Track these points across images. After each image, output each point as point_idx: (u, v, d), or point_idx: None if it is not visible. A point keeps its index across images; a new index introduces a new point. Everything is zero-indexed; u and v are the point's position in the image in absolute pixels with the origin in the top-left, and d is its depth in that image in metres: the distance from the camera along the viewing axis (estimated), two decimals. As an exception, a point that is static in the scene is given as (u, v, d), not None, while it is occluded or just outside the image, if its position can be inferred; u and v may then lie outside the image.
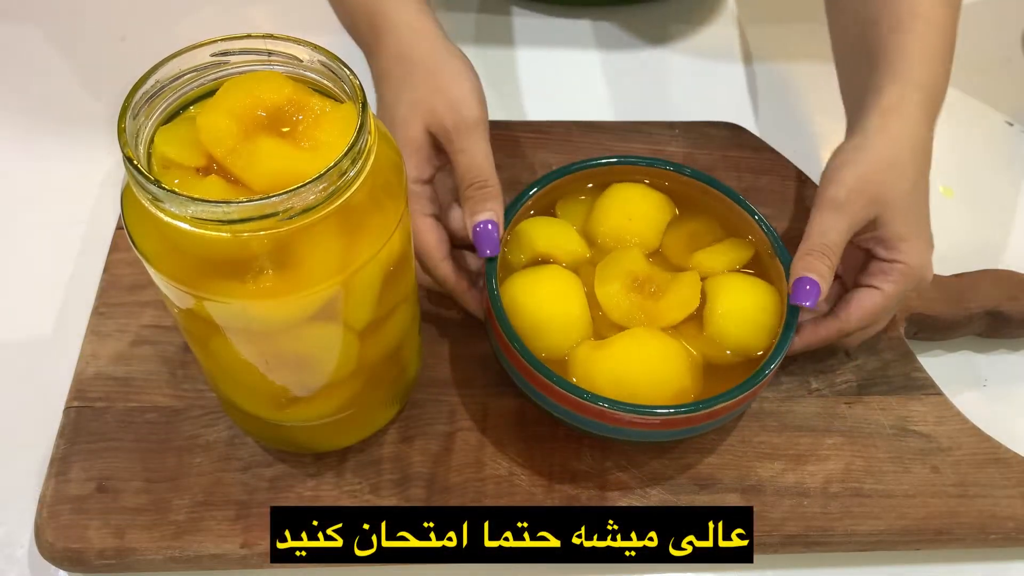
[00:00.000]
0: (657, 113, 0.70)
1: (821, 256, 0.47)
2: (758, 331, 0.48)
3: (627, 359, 0.46)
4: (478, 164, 0.48)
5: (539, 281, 0.49)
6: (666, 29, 0.78)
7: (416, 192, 0.49)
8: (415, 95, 0.49)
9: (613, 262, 0.50)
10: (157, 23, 0.76)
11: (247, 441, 0.49)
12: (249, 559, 0.46)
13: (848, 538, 0.47)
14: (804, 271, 0.47)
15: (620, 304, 0.49)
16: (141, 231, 0.36)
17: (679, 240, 0.53)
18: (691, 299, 0.49)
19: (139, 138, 0.36)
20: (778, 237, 0.51)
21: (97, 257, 0.57)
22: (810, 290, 0.46)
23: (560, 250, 0.51)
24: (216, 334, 0.39)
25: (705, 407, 0.44)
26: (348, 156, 0.34)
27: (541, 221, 0.53)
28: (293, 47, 0.38)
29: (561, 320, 0.48)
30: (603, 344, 0.47)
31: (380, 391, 0.47)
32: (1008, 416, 0.54)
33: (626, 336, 0.47)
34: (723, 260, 0.51)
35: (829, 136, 0.70)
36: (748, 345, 0.48)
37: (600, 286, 0.49)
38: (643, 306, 0.49)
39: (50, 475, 0.47)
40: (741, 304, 0.48)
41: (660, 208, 0.53)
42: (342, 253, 0.37)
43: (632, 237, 0.52)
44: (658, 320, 0.48)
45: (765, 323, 0.48)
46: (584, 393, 0.44)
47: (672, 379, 0.46)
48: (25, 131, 0.67)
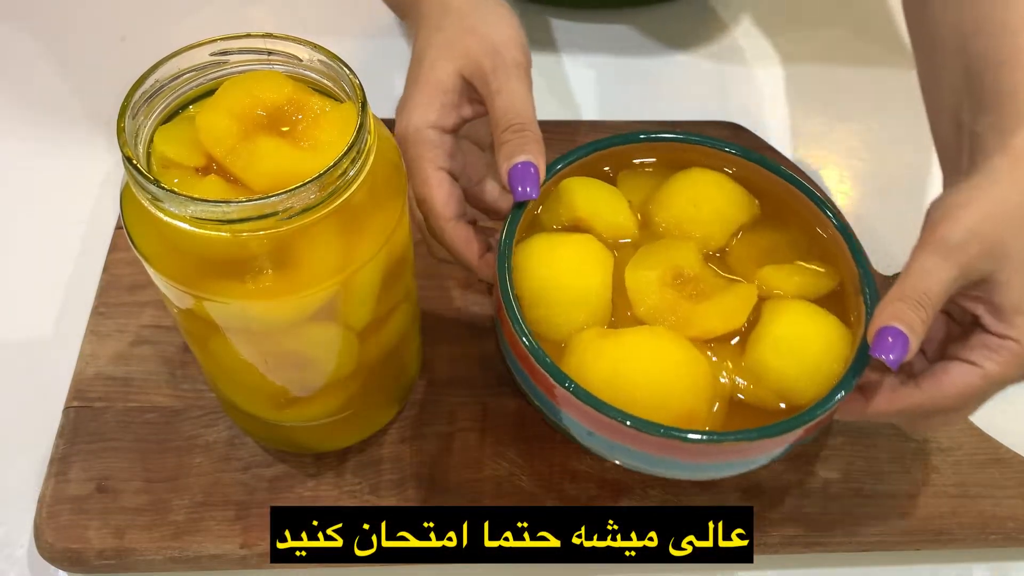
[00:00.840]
0: (658, 113, 0.70)
1: (916, 306, 0.38)
2: (811, 375, 0.40)
3: (634, 358, 0.39)
4: (517, 106, 0.42)
5: (561, 245, 0.42)
6: (668, 31, 0.78)
7: (431, 139, 0.43)
8: (448, 36, 0.44)
9: (660, 248, 0.43)
10: (157, 23, 0.76)
11: (247, 441, 0.49)
12: (249, 559, 0.45)
13: (848, 538, 0.47)
14: (892, 319, 0.38)
15: (650, 296, 0.41)
16: (140, 231, 0.36)
17: (751, 248, 0.45)
18: (736, 313, 0.41)
19: (138, 138, 0.36)
20: (872, 276, 0.42)
21: (97, 257, 0.57)
22: (893, 342, 0.38)
23: (603, 220, 0.44)
24: (215, 334, 0.39)
25: (726, 439, 0.37)
26: (348, 156, 0.34)
27: (590, 183, 0.46)
28: (293, 46, 0.38)
29: (572, 293, 0.41)
30: (611, 333, 0.41)
31: (380, 391, 0.47)
32: (1009, 416, 0.53)
33: (641, 331, 0.40)
34: (794, 282, 0.43)
35: (829, 136, 0.70)
36: (794, 388, 0.40)
37: (633, 270, 0.42)
38: (677, 306, 0.42)
39: (49, 475, 0.47)
40: (798, 336, 0.40)
41: (737, 204, 0.46)
42: (342, 253, 0.37)
43: (694, 228, 0.45)
44: (691, 327, 0.41)
45: (823, 367, 0.40)
46: (576, 388, 0.38)
47: (683, 397, 0.39)
48: (24, 131, 0.67)
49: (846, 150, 0.69)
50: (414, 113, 0.43)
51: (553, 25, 0.78)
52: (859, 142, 0.70)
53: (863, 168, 0.68)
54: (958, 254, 0.39)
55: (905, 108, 0.72)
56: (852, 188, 0.66)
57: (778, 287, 0.43)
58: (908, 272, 0.39)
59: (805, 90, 0.73)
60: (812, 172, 0.63)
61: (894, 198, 0.66)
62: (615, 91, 0.73)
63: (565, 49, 0.76)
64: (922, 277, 0.39)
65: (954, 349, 0.41)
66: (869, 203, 0.65)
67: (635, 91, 0.73)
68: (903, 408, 0.41)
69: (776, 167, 0.46)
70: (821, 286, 0.44)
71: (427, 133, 0.43)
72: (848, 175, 0.67)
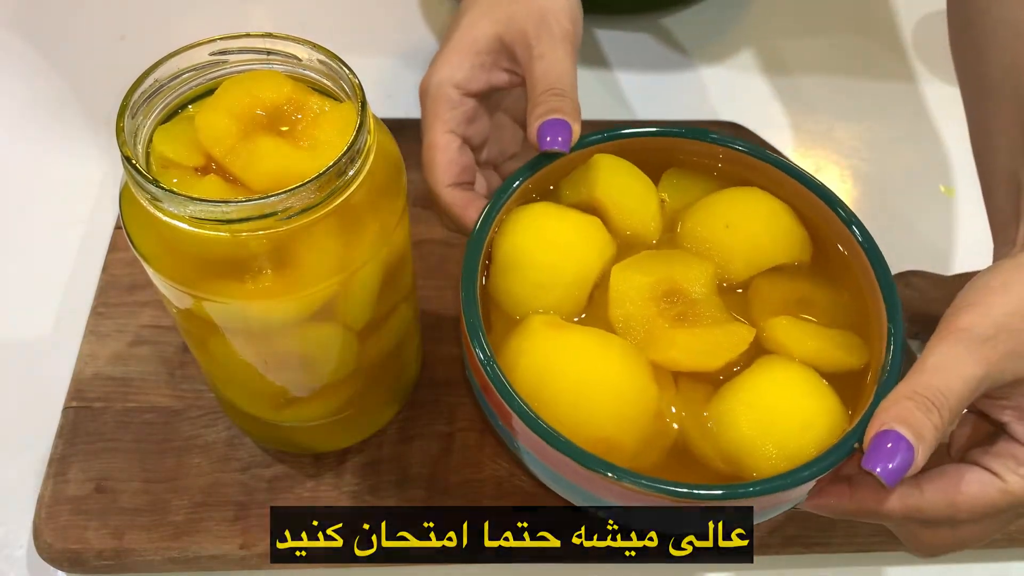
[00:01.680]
0: (658, 113, 0.70)
1: (928, 407, 0.31)
2: (776, 443, 0.34)
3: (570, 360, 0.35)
4: (559, 72, 0.40)
5: (554, 217, 0.39)
6: (669, 34, 0.78)
7: (450, 98, 0.41)
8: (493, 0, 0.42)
9: (666, 257, 0.39)
10: (156, 22, 0.76)
11: (246, 442, 0.49)
12: (248, 560, 0.45)
13: (849, 539, 0.47)
14: (896, 421, 0.31)
15: (630, 303, 0.37)
16: (140, 231, 0.36)
17: (777, 295, 0.39)
18: (715, 352, 0.36)
19: (138, 137, 0.36)
20: (899, 361, 0.35)
21: (96, 257, 0.57)
22: (892, 450, 0.30)
23: (621, 208, 0.40)
24: (215, 334, 0.39)
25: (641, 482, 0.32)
26: (347, 155, 0.34)
27: (622, 166, 0.41)
28: (292, 46, 0.38)
29: (544, 272, 0.37)
30: (562, 325, 0.37)
31: (379, 391, 0.47)
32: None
33: (593, 334, 0.36)
34: (810, 347, 0.36)
35: (829, 136, 0.70)
36: (750, 451, 0.34)
37: (622, 269, 0.38)
38: (653, 323, 0.37)
39: (48, 475, 0.47)
40: (780, 397, 0.34)
41: (781, 243, 0.40)
42: (341, 253, 0.37)
43: (718, 252, 0.39)
44: (656, 349, 0.36)
45: (792, 438, 0.34)
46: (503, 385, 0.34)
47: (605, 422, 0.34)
48: (24, 130, 0.67)
49: (846, 150, 0.69)
50: (441, 69, 0.42)
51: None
52: (859, 142, 0.70)
53: (863, 168, 0.68)
54: (986, 349, 0.32)
55: (905, 108, 0.72)
56: (852, 188, 0.66)
57: (789, 345, 0.37)
58: (924, 364, 0.32)
59: (805, 90, 0.73)
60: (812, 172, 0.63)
61: (894, 198, 0.66)
62: (615, 91, 0.73)
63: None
64: (940, 373, 0.31)
65: (975, 453, 0.34)
66: (869, 203, 0.65)
67: (635, 92, 0.73)
68: (897, 511, 0.33)
69: (851, 218, 0.40)
70: (841, 362, 0.37)
71: (447, 91, 0.41)
72: (848, 175, 0.67)
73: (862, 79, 0.74)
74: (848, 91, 0.73)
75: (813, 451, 0.34)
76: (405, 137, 0.44)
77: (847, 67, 0.75)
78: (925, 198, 0.65)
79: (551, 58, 0.40)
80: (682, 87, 0.73)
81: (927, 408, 0.31)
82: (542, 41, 0.40)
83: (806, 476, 0.32)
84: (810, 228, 0.41)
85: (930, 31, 0.77)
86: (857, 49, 0.76)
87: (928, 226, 0.64)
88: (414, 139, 0.63)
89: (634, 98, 0.72)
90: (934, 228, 0.64)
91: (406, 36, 0.74)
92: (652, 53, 0.76)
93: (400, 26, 0.75)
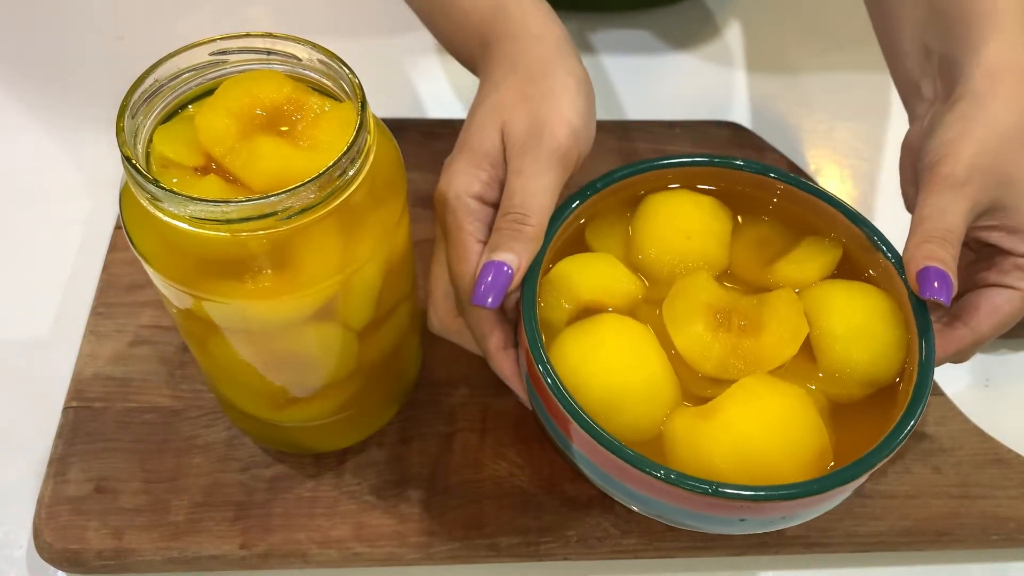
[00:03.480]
0: (658, 113, 0.70)
1: (943, 243, 0.38)
2: (888, 351, 0.38)
3: (750, 425, 0.36)
4: (527, 191, 0.39)
5: (600, 341, 0.38)
6: (668, 32, 0.78)
7: (472, 210, 0.40)
8: (502, 98, 0.41)
9: (683, 296, 0.40)
10: (156, 22, 0.75)
11: (246, 442, 0.49)
12: (248, 560, 0.45)
13: (849, 539, 0.47)
14: (928, 260, 0.38)
15: (709, 350, 0.39)
16: (140, 231, 0.36)
17: (748, 252, 0.43)
18: (800, 325, 0.39)
19: (137, 137, 0.36)
20: (873, 225, 0.42)
21: (96, 257, 0.57)
22: (939, 283, 0.37)
23: (611, 293, 0.41)
24: (215, 334, 0.39)
25: (864, 467, 0.35)
26: (347, 155, 0.34)
27: (578, 260, 0.42)
28: (292, 46, 0.38)
29: (641, 388, 0.37)
30: (709, 411, 0.37)
31: (379, 391, 0.47)
32: (1010, 417, 0.53)
33: (738, 394, 0.37)
34: (813, 267, 0.42)
35: (829, 136, 0.70)
36: (880, 371, 0.38)
37: (677, 331, 0.39)
38: (738, 347, 0.39)
39: (48, 475, 0.47)
40: (861, 320, 0.39)
41: (719, 217, 0.43)
42: (341, 253, 0.37)
43: (695, 260, 0.42)
44: (763, 362, 0.38)
45: (892, 339, 0.39)
46: (718, 490, 0.34)
47: (810, 439, 0.36)
48: (23, 130, 0.67)
49: (846, 150, 0.69)
50: (458, 179, 0.41)
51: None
52: (859, 142, 0.69)
53: (863, 168, 0.68)
54: (967, 189, 0.39)
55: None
56: (852, 188, 0.66)
57: (802, 277, 0.41)
58: (924, 215, 0.40)
59: (805, 90, 0.73)
60: (812, 172, 0.63)
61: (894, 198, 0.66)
62: (614, 92, 0.72)
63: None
64: (942, 217, 0.39)
65: (984, 276, 0.42)
66: (869, 203, 0.65)
67: (635, 92, 0.73)
68: (961, 348, 0.41)
69: (728, 160, 0.44)
70: (832, 258, 0.42)
71: (468, 202, 0.41)
72: (848, 175, 0.67)
73: (862, 79, 0.74)
74: (848, 91, 0.73)
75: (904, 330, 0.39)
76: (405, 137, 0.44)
77: (847, 67, 0.75)
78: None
79: (526, 176, 0.40)
80: (681, 87, 0.73)
81: (943, 244, 0.38)
82: (526, 157, 0.40)
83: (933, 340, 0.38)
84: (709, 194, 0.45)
85: (930, 31, 0.77)
86: (857, 49, 0.76)
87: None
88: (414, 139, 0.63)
89: (632, 97, 0.72)
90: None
91: (406, 36, 0.74)
92: (650, 51, 0.76)
93: (400, 26, 0.75)
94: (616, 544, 0.46)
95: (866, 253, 0.42)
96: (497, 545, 0.46)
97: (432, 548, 0.46)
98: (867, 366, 0.38)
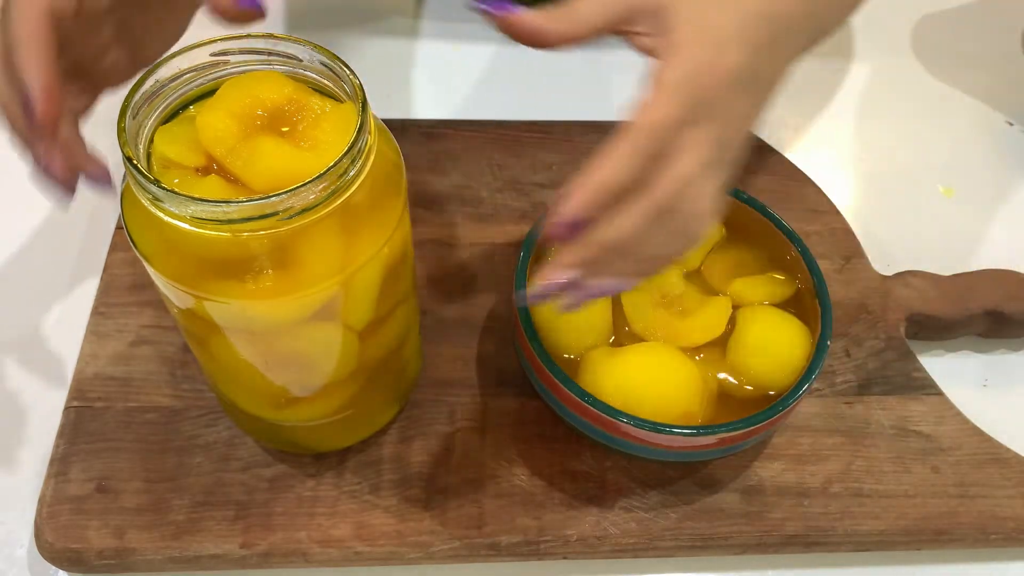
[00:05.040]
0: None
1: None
2: (780, 368, 0.47)
3: (638, 371, 0.46)
4: None
5: None
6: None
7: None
8: None
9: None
10: (157, 23, 0.76)
11: (247, 441, 0.49)
12: (248, 559, 0.45)
13: (848, 538, 0.47)
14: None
15: (644, 316, 0.48)
16: (141, 231, 0.36)
17: (722, 265, 0.52)
18: (716, 325, 0.48)
19: (139, 138, 0.36)
20: (823, 280, 0.49)
21: (97, 257, 0.57)
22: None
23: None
24: (216, 334, 0.39)
25: (717, 431, 0.44)
26: (348, 156, 0.34)
27: None
28: (293, 46, 0.38)
29: (579, 320, 0.47)
30: (616, 352, 0.47)
31: (380, 391, 0.47)
32: (1009, 416, 0.54)
33: (642, 348, 0.47)
34: (761, 292, 0.50)
35: (829, 136, 0.70)
36: (768, 381, 0.47)
37: (627, 295, 0.49)
38: (668, 323, 0.48)
39: (50, 475, 0.47)
40: (769, 339, 0.48)
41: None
42: (342, 253, 0.37)
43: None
44: (680, 339, 0.48)
45: (789, 361, 0.47)
46: (593, 400, 0.44)
47: (680, 400, 0.46)
48: (25, 131, 0.67)
49: (846, 150, 0.69)
50: None
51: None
52: (859, 142, 0.70)
53: (863, 168, 0.68)
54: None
55: (906, 108, 0.72)
56: (852, 188, 0.66)
57: (748, 296, 0.50)
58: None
59: (805, 89, 0.73)
60: (812, 172, 0.63)
61: (894, 198, 0.66)
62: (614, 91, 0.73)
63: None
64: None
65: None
66: (869, 203, 0.65)
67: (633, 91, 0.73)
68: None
69: (736, 192, 0.52)
70: (784, 292, 0.50)
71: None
72: (848, 175, 0.67)
73: (862, 79, 0.74)
74: (848, 91, 0.73)
75: (803, 359, 0.47)
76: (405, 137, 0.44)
77: (847, 67, 0.75)
78: (925, 198, 0.66)
79: None
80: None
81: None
82: None
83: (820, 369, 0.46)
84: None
85: (930, 31, 0.78)
86: (857, 49, 0.76)
87: (928, 226, 0.64)
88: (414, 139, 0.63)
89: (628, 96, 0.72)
90: (934, 228, 0.64)
91: (407, 37, 0.75)
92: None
93: (401, 27, 0.75)
94: (616, 544, 0.47)
95: (811, 299, 0.49)
96: (497, 544, 0.46)
97: (432, 547, 0.46)
98: (758, 372, 0.47)
